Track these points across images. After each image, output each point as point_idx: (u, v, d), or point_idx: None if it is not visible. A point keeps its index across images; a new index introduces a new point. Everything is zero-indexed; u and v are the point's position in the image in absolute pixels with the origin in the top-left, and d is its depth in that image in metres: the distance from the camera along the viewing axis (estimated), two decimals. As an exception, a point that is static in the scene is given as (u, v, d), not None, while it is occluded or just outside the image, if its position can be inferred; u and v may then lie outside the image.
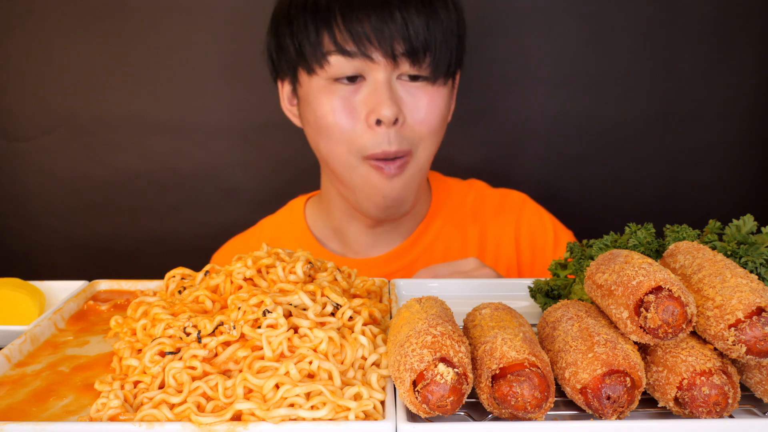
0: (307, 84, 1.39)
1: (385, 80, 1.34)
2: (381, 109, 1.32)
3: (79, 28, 1.98)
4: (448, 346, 0.71)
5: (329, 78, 1.35)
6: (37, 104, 2.04)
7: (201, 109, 2.03)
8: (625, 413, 0.70)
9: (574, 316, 0.79)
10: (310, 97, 1.39)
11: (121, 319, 0.99)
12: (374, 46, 1.31)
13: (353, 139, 1.36)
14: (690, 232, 0.93)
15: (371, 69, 1.33)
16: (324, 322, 0.86)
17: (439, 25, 1.35)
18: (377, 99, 1.33)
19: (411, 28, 1.32)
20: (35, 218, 2.12)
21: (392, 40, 1.31)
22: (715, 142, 2.05)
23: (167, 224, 2.12)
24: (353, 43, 1.31)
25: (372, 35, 1.30)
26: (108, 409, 0.76)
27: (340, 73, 1.34)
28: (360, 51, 1.31)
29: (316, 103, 1.37)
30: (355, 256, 1.58)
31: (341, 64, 1.33)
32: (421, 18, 1.33)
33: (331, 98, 1.35)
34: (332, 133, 1.37)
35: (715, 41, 1.98)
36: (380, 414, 0.75)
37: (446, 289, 1.15)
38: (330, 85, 1.35)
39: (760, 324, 0.68)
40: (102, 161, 2.07)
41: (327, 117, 1.36)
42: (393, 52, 1.32)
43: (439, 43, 1.35)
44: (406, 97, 1.36)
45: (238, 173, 2.09)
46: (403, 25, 1.31)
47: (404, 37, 1.32)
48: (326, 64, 1.34)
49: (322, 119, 1.37)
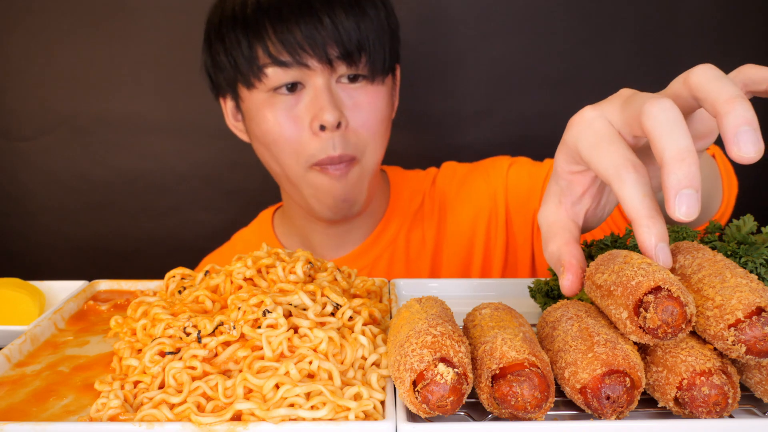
0: (249, 99, 1.40)
1: (324, 85, 1.35)
2: (323, 115, 1.33)
3: (79, 28, 1.98)
4: (448, 346, 0.71)
5: (269, 90, 1.36)
6: (37, 104, 2.04)
7: (200, 109, 2.03)
8: (625, 413, 0.70)
9: (573, 316, 0.79)
10: (252, 112, 1.40)
11: (121, 319, 0.99)
12: (308, 53, 1.32)
13: (300, 148, 1.38)
14: (690, 232, 0.93)
15: (309, 76, 1.35)
16: (324, 322, 0.86)
17: (369, 24, 1.37)
18: (319, 105, 1.34)
19: (342, 31, 1.33)
20: (35, 218, 2.12)
21: (325, 45, 1.32)
22: (714, 142, 2.05)
23: (167, 224, 2.12)
24: (287, 53, 1.32)
25: (305, 43, 1.32)
26: (108, 409, 0.76)
27: (278, 83, 1.35)
28: (295, 60, 1.33)
29: (260, 117, 1.38)
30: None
31: (278, 74, 1.34)
32: (351, 20, 1.34)
33: (274, 111, 1.37)
34: (279, 145, 1.39)
35: (716, 41, 1.98)
36: (380, 414, 0.75)
37: (446, 289, 1.15)
38: (271, 98, 1.37)
39: (759, 324, 0.68)
40: (102, 161, 2.07)
41: (272, 131, 1.38)
42: (328, 57, 1.33)
43: (372, 41, 1.37)
44: (347, 100, 1.38)
45: (238, 173, 2.09)
46: (334, 29, 1.33)
47: (336, 41, 1.33)
48: (264, 77, 1.35)
49: (267, 134, 1.39)
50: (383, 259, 1.59)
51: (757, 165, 0.70)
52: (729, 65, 0.86)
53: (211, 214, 2.11)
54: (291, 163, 1.40)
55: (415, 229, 1.62)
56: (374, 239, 1.60)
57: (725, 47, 1.98)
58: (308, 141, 1.37)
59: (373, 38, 1.37)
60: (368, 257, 1.60)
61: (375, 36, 1.37)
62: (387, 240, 1.61)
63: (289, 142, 1.38)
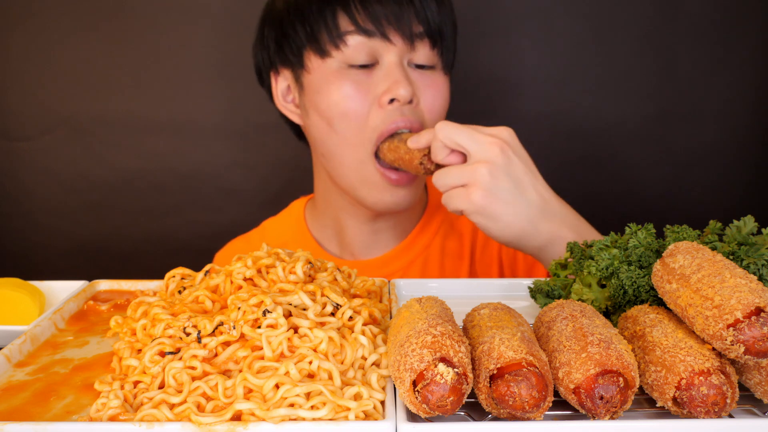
0: (318, 69, 1.37)
1: (399, 62, 1.35)
2: (398, 89, 1.32)
3: (79, 28, 1.98)
4: (448, 346, 0.71)
5: (343, 62, 1.34)
6: (37, 104, 2.04)
7: (201, 109, 2.03)
8: (618, 413, 0.70)
9: (568, 316, 0.79)
10: (320, 84, 1.37)
11: (121, 319, 0.99)
12: (393, 26, 1.32)
13: (365, 121, 1.35)
14: (690, 233, 0.93)
15: (386, 51, 1.34)
16: (324, 322, 0.86)
17: (447, 14, 1.38)
18: (393, 79, 1.33)
19: (428, 11, 1.34)
20: (35, 218, 2.12)
21: (410, 21, 1.33)
22: (715, 142, 2.05)
23: (167, 224, 2.12)
24: (371, 23, 1.32)
25: (391, 15, 1.31)
26: (108, 409, 0.76)
27: (354, 55, 1.33)
28: (378, 31, 1.32)
29: (328, 89, 1.36)
30: (352, 258, 1.57)
31: (358, 45, 1.33)
32: (434, 3, 1.36)
33: (343, 83, 1.34)
34: (344, 119, 1.35)
35: (716, 41, 1.98)
36: (380, 414, 0.75)
37: (446, 289, 1.15)
38: (343, 70, 1.35)
39: (758, 324, 0.68)
40: (102, 161, 2.07)
41: (340, 104, 1.35)
42: (411, 33, 1.33)
43: (449, 29, 1.39)
44: (418, 80, 1.37)
45: (238, 173, 2.09)
46: (421, 7, 1.34)
47: (421, 20, 1.34)
48: (343, 45, 1.33)
49: (334, 107, 1.35)
50: (416, 265, 1.55)
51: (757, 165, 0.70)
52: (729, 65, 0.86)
53: (211, 214, 2.11)
54: (352, 141, 1.36)
55: (451, 235, 1.58)
56: (411, 241, 1.56)
57: (725, 47, 1.98)
58: (375, 114, 1.34)
59: (449, 27, 1.39)
60: (403, 260, 1.55)
61: (450, 25, 1.39)
62: (423, 243, 1.57)
63: (355, 115, 1.35)
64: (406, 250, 1.56)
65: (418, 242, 1.57)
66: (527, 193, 1.19)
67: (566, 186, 2.07)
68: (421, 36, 1.35)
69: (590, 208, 2.08)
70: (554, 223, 1.21)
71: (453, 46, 1.43)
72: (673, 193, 2.10)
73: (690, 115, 2.03)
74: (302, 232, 1.61)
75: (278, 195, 1.65)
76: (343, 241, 1.57)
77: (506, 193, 1.16)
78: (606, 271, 0.92)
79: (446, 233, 1.59)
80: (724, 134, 2.05)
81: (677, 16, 1.97)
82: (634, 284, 0.89)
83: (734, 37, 1.98)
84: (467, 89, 2.01)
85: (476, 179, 1.15)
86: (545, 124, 2.03)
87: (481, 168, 1.15)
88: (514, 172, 1.17)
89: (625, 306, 0.90)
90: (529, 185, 1.19)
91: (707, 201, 2.08)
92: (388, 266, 1.54)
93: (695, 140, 2.04)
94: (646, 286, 0.89)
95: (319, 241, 1.60)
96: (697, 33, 1.98)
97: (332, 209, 1.55)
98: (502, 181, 1.16)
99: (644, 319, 0.79)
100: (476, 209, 1.16)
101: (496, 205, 1.16)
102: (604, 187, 2.09)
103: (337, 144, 1.39)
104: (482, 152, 1.16)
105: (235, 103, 2.03)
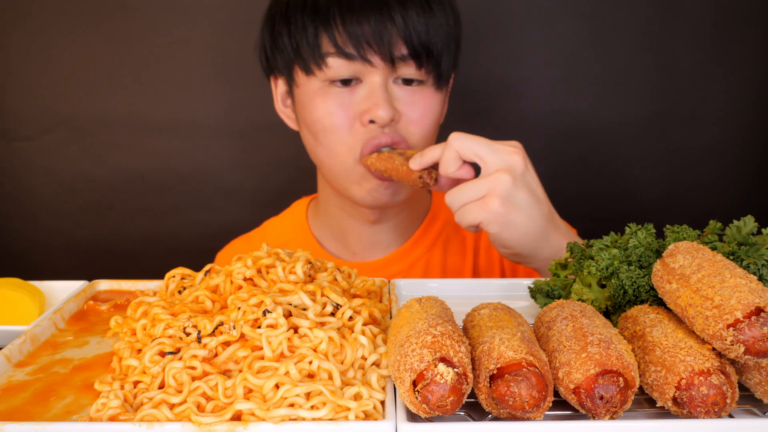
0: (304, 85, 1.38)
1: (381, 83, 1.33)
2: (376, 111, 1.32)
3: (79, 28, 1.98)
4: (448, 346, 0.71)
5: (326, 80, 1.35)
6: (37, 104, 2.04)
7: (201, 109, 2.03)
8: (618, 413, 0.70)
9: (568, 316, 0.79)
10: (306, 99, 1.39)
11: (121, 319, 0.99)
12: (373, 49, 1.31)
13: (349, 138, 1.36)
14: (690, 233, 0.93)
15: (368, 72, 1.33)
16: (324, 322, 0.86)
17: (438, 29, 1.35)
18: (373, 101, 1.33)
19: (412, 31, 1.31)
20: (35, 218, 2.12)
21: (391, 43, 1.31)
22: (715, 142, 2.05)
23: (167, 224, 2.12)
24: (352, 46, 1.31)
25: (371, 38, 1.30)
26: (108, 409, 0.76)
27: (336, 75, 1.33)
28: (359, 54, 1.31)
29: (312, 106, 1.37)
30: (353, 260, 1.57)
31: (339, 66, 1.32)
32: (422, 21, 1.32)
33: (327, 101, 1.35)
34: (329, 135, 1.37)
35: (716, 41, 1.98)
36: (380, 414, 0.75)
37: (446, 289, 1.15)
38: (325, 87, 1.35)
39: (758, 324, 0.68)
40: (102, 161, 2.07)
41: (323, 120, 1.36)
42: (392, 56, 1.32)
43: (439, 46, 1.35)
44: (403, 96, 1.36)
45: (238, 173, 2.09)
46: (405, 28, 1.31)
47: (405, 41, 1.31)
48: (324, 66, 1.33)
49: (318, 123, 1.37)
50: (418, 267, 1.55)
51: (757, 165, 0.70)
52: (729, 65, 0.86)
53: (211, 214, 2.11)
54: (339, 152, 1.38)
55: (454, 238, 1.58)
56: (413, 243, 1.56)
57: (725, 47, 1.99)
58: (357, 131, 1.35)
59: (440, 43, 1.35)
60: (403, 263, 1.55)
61: (442, 41, 1.36)
62: (424, 248, 1.57)
63: (338, 131, 1.36)
64: (408, 252, 1.56)
65: (420, 245, 1.57)
66: (541, 204, 1.20)
67: (566, 186, 2.08)
68: (405, 58, 1.33)
69: (590, 208, 2.09)
70: (560, 235, 1.23)
71: (450, 62, 1.40)
72: (673, 193, 2.10)
73: (690, 116, 2.03)
74: (304, 232, 1.61)
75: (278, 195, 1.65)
76: (344, 242, 1.58)
77: (523, 203, 1.17)
78: (606, 271, 0.92)
79: (449, 236, 1.58)
80: (724, 134, 2.05)
81: (677, 16, 1.97)
82: (634, 284, 0.89)
83: (734, 37, 1.98)
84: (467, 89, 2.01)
85: (496, 187, 1.15)
86: (545, 124, 2.03)
87: (501, 176, 1.15)
88: (531, 183, 1.19)
89: (625, 306, 0.90)
90: (542, 196, 1.21)
91: (707, 201, 2.08)
92: (389, 268, 1.54)
93: (695, 140, 2.05)
94: (646, 286, 0.89)
95: (320, 241, 1.60)
96: (696, 33, 1.98)
97: (334, 210, 1.56)
98: (521, 190, 1.16)
99: (644, 319, 0.79)
100: (494, 218, 1.16)
101: (514, 213, 1.16)
102: (604, 187, 2.09)
103: (325, 156, 1.41)
104: (502, 161, 1.17)
105: (235, 103, 2.03)
